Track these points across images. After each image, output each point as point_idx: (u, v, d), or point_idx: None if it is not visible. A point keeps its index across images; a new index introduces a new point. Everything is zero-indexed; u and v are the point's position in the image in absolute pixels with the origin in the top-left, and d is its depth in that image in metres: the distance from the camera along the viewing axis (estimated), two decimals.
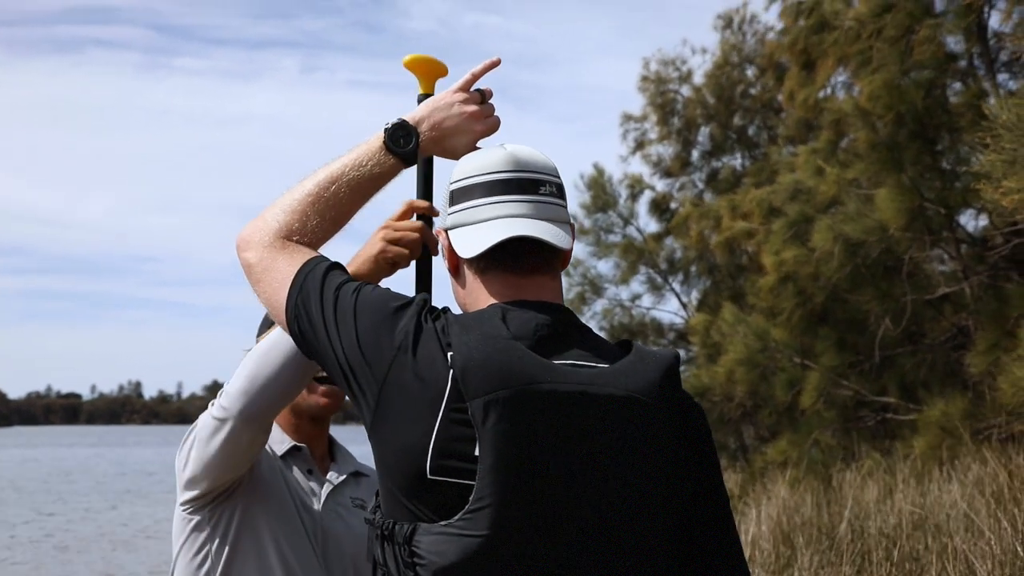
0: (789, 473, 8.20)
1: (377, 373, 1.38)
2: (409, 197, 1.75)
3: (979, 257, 8.45)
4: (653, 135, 16.73)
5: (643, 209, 16.30)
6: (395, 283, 1.78)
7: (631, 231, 15.91)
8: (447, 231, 1.52)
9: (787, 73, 11.61)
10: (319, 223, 1.56)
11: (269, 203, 1.60)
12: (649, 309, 16.00)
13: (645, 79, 16.28)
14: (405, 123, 1.61)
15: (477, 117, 1.63)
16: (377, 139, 1.60)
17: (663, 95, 16.26)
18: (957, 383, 8.20)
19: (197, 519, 1.91)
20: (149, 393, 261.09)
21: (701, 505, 1.42)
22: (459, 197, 1.51)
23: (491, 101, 1.67)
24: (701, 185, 16.57)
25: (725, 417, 11.07)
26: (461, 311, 1.54)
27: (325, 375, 2.00)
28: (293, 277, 1.50)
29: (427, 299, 1.46)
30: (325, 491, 2.04)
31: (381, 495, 1.41)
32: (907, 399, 8.56)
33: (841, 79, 10.83)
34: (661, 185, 16.64)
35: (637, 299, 15.98)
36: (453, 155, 1.62)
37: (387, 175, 1.60)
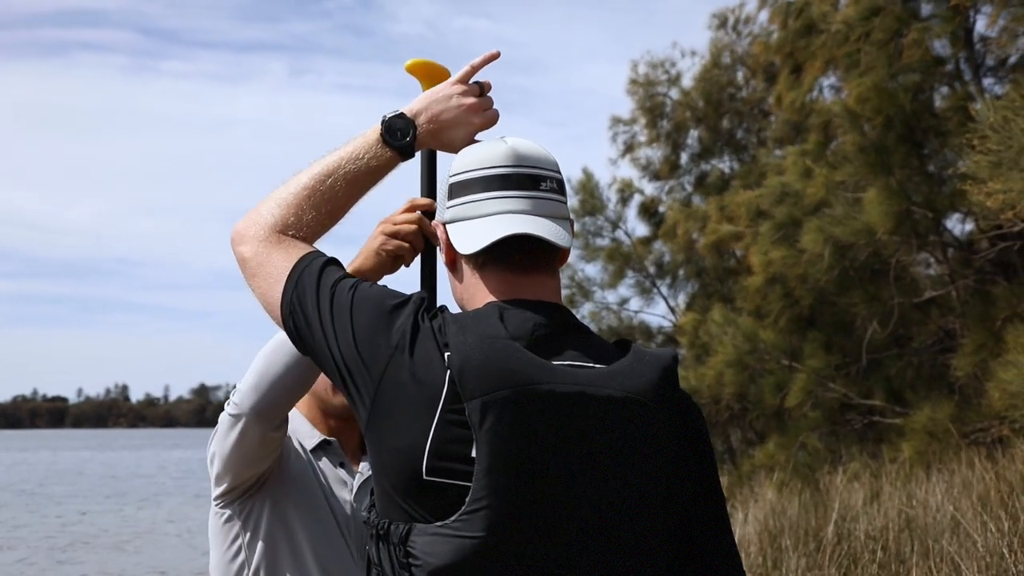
0: (776, 476, 8.20)
1: (373, 373, 1.36)
2: (411, 192, 1.73)
3: (965, 261, 8.48)
4: (642, 138, 16.75)
5: (632, 213, 16.32)
6: (401, 278, 1.76)
7: (620, 235, 15.93)
8: (445, 225, 1.50)
9: (776, 76, 11.64)
10: (315, 217, 1.53)
11: (263, 197, 1.58)
12: (637, 312, 16.02)
13: (634, 82, 16.29)
14: (402, 115, 1.58)
15: (475, 110, 1.60)
16: (374, 132, 1.57)
17: (652, 98, 16.27)
18: (943, 387, 8.22)
19: (228, 513, 1.96)
20: (136, 396, 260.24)
21: (699, 506, 1.40)
22: (458, 191, 1.48)
23: (489, 94, 1.64)
24: (690, 188, 16.59)
25: (713, 420, 11.07)
26: (458, 305, 1.53)
27: None
28: (288, 272, 1.48)
29: (424, 297, 1.43)
30: (357, 482, 2.04)
31: (376, 495, 1.40)
32: (894, 402, 8.58)
33: (829, 82, 10.87)
34: (650, 188, 16.68)
35: (625, 303, 16.01)
36: (451, 148, 1.60)
37: (384, 168, 1.57)
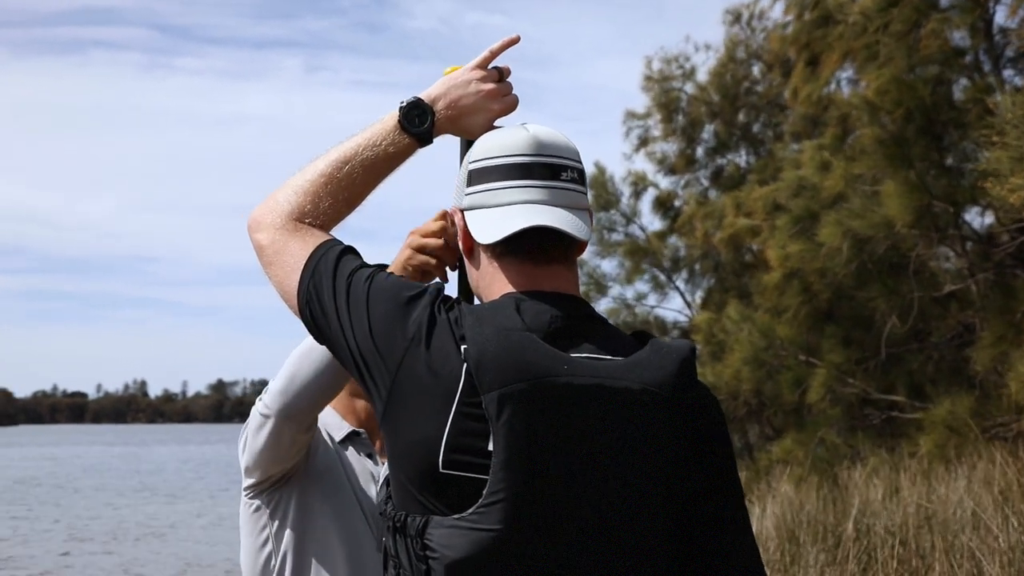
0: (794, 471, 8.16)
1: (390, 365, 1.35)
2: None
3: (985, 254, 8.41)
4: (657, 132, 16.69)
5: (646, 207, 16.28)
6: None
7: (634, 229, 15.88)
8: (463, 212, 1.48)
9: (792, 69, 11.56)
10: (332, 204, 1.52)
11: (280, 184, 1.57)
12: (653, 307, 15.98)
13: (648, 78, 16.23)
14: (420, 101, 1.55)
15: (494, 96, 1.57)
16: (392, 118, 1.55)
17: (667, 93, 16.20)
18: (964, 381, 8.15)
19: (257, 503, 1.98)
20: (154, 392, 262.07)
21: (717, 501, 1.38)
22: (477, 178, 1.46)
23: (508, 79, 1.61)
24: (706, 183, 16.52)
25: (731, 415, 11.03)
26: (474, 292, 1.52)
27: None
28: (305, 261, 1.47)
29: (441, 289, 1.42)
30: (383, 473, 2.03)
31: (393, 487, 1.40)
32: (913, 397, 8.52)
33: (846, 74, 10.79)
34: (665, 183, 16.62)
35: (642, 298, 15.97)
36: (470, 134, 1.57)
37: (402, 155, 1.55)
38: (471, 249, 1.49)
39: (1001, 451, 5.97)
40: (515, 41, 1.62)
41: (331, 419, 2.08)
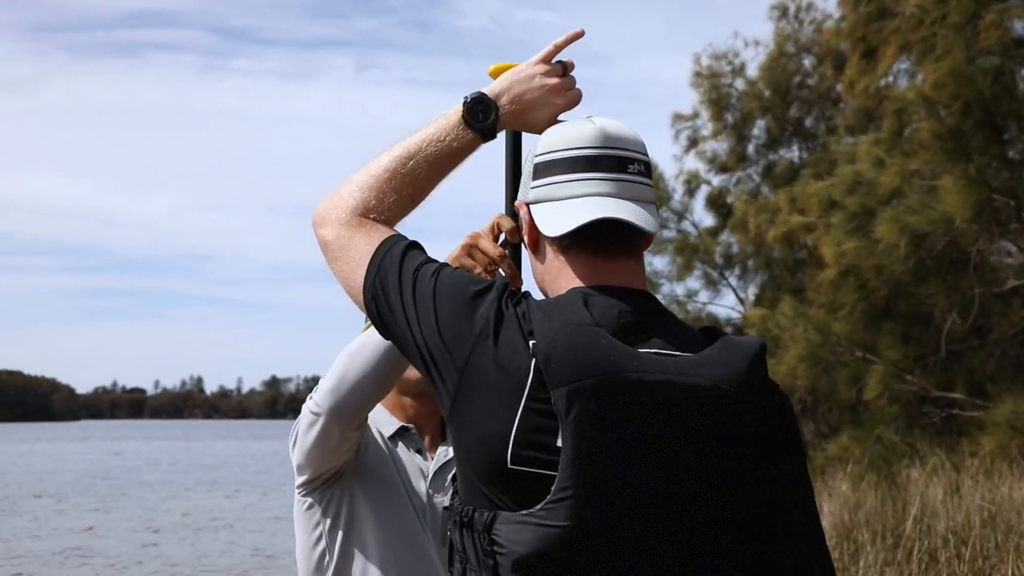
0: (851, 469, 8.06)
1: (457, 360, 1.35)
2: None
3: None
4: (706, 131, 16.56)
5: (699, 204, 16.18)
6: None
7: (686, 226, 15.79)
8: (529, 205, 1.46)
9: (847, 62, 11.39)
10: (396, 200, 1.52)
11: (345, 179, 1.56)
12: (705, 305, 15.88)
13: (697, 75, 16.11)
14: (484, 96, 1.54)
15: (558, 90, 1.55)
16: (455, 113, 1.53)
17: (716, 90, 16.07)
18: None
19: (309, 501, 1.99)
20: (210, 388, 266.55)
21: (786, 498, 1.36)
22: (543, 171, 1.45)
23: (572, 73, 1.58)
24: (758, 179, 16.36)
25: None
26: (538, 287, 1.50)
27: None
28: (371, 256, 1.46)
29: (507, 284, 1.41)
30: (432, 468, 2.06)
31: (459, 482, 1.39)
32: (974, 395, 8.35)
33: (903, 67, 10.60)
34: (717, 180, 16.49)
35: (693, 295, 15.88)
36: (533, 129, 1.56)
37: (465, 150, 1.54)
38: (536, 243, 1.48)
39: None
40: (579, 35, 1.59)
41: (380, 415, 2.08)
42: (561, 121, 1.54)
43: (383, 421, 2.08)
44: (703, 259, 15.47)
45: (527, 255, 1.54)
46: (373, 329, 1.78)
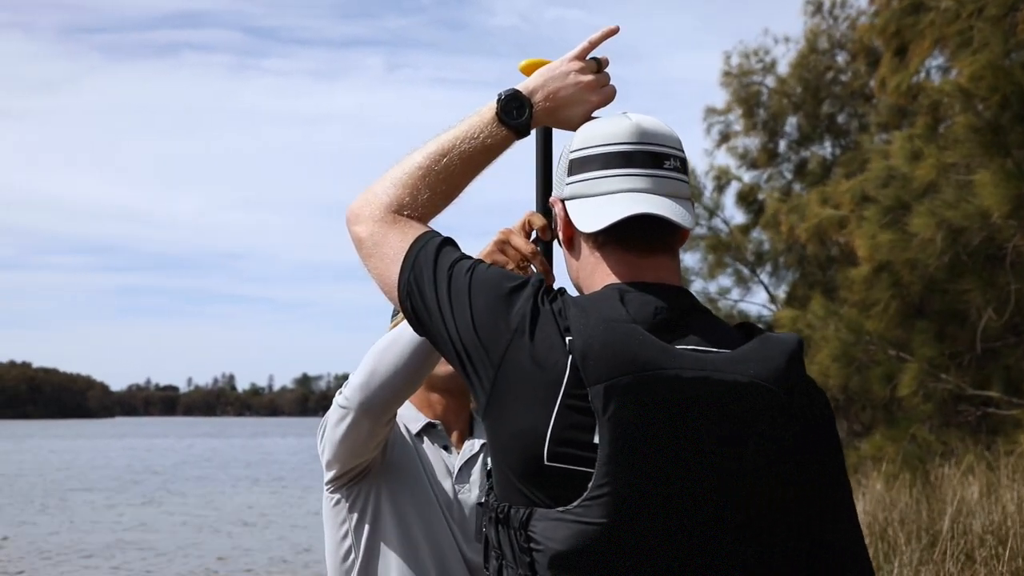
0: (885, 468, 7.97)
1: (493, 356, 1.34)
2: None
3: None
4: (738, 127, 16.46)
5: (729, 201, 16.07)
6: None
7: (717, 223, 15.70)
8: (564, 201, 1.46)
9: (880, 59, 11.26)
10: (430, 197, 1.52)
11: (378, 176, 1.56)
12: (736, 302, 15.78)
13: (727, 74, 16.00)
14: (518, 93, 1.53)
15: (592, 87, 1.54)
16: (489, 110, 1.53)
17: (747, 88, 15.96)
18: None
19: (337, 497, 2.01)
20: (242, 386, 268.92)
21: (825, 494, 1.36)
22: (579, 167, 1.44)
23: (607, 70, 1.57)
24: (789, 176, 16.24)
25: None
26: (572, 284, 1.50)
27: None
28: (405, 253, 1.46)
29: (543, 280, 1.40)
30: (458, 464, 2.07)
31: (495, 478, 1.39)
32: (1011, 393, 8.23)
33: (936, 62, 10.47)
34: (748, 176, 16.38)
35: (725, 293, 15.78)
36: (568, 126, 1.55)
37: (499, 147, 1.54)
38: (571, 239, 1.47)
39: None
40: (614, 32, 1.58)
41: (407, 411, 2.09)
42: (595, 118, 1.53)
43: (410, 417, 2.09)
44: (735, 256, 15.37)
45: (560, 251, 1.53)
46: (402, 325, 1.79)
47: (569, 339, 1.29)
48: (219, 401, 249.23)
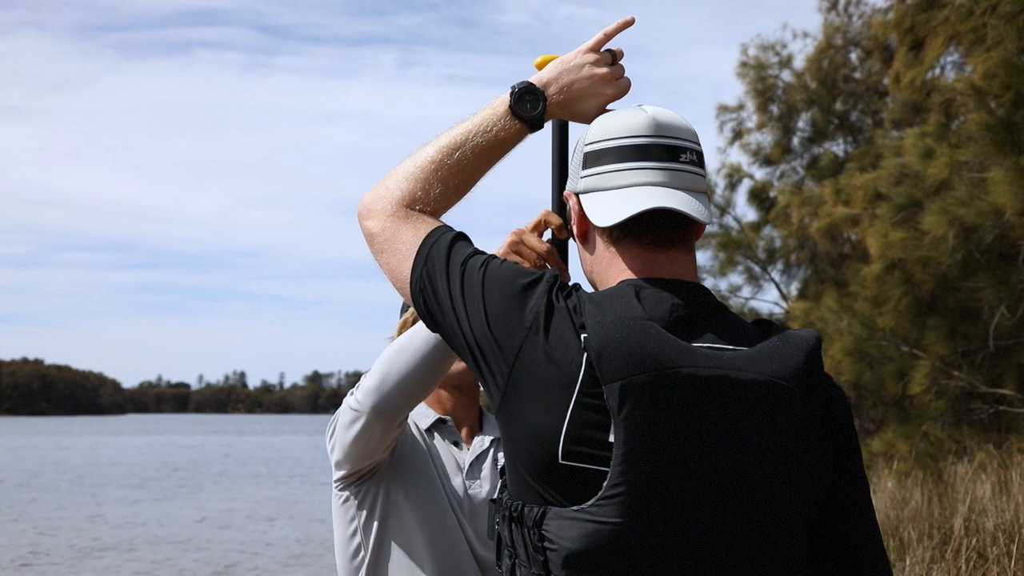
0: (897, 465, 7.96)
1: (507, 353, 1.32)
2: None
3: None
4: (751, 123, 16.41)
5: (741, 198, 16.04)
6: None
7: (728, 220, 15.66)
8: (578, 195, 1.44)
9: (894, 54, 11.23)
10: (443, 191, 1.49)
11: (390, 170, 1.55)
12: (748, 299, 15.74)
13: (744, 65, 15.94)
14: (532, 86, 1.51)
15: (607, 80, 1.52)
16: (502, 103, 1.51)
17: (763, 81, 15.90)
18: None
19: (346, 495, 2.02)
20: (253, 383, 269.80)
21: (843, 493, 1.35)
22: (594, 160, 1.42)
23: (622, 62, 1.55)
24: (802, 172, 16.18)
25: None
26: (587, 278, 1.48)
27: None
28: (418, 247, 1.44)
29: (557, 276, 1.38)
30: (469, 460, 2.07)
31: (508, 476, 1.37)
32: None
33: (951, 59, 10.43)
34: (760, 174, 16.34)
35: (736, 290, 15.75)
36: (582, 118, 1.52)
37: (512, 140, 1.51)
38: (585, 233, 1.45)
39: None
40: (629, 23, 1.55)
41: (418, 408, 2.08)
42: (610, 111, 1.51)
43: (420, 413, 2.09)
44: (746, 254, 15.34)
45: (575, 246, 1.51)
46: (416, 328, 1.79)
47: (584, 336, 1.27)
48: (230, 398, 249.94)
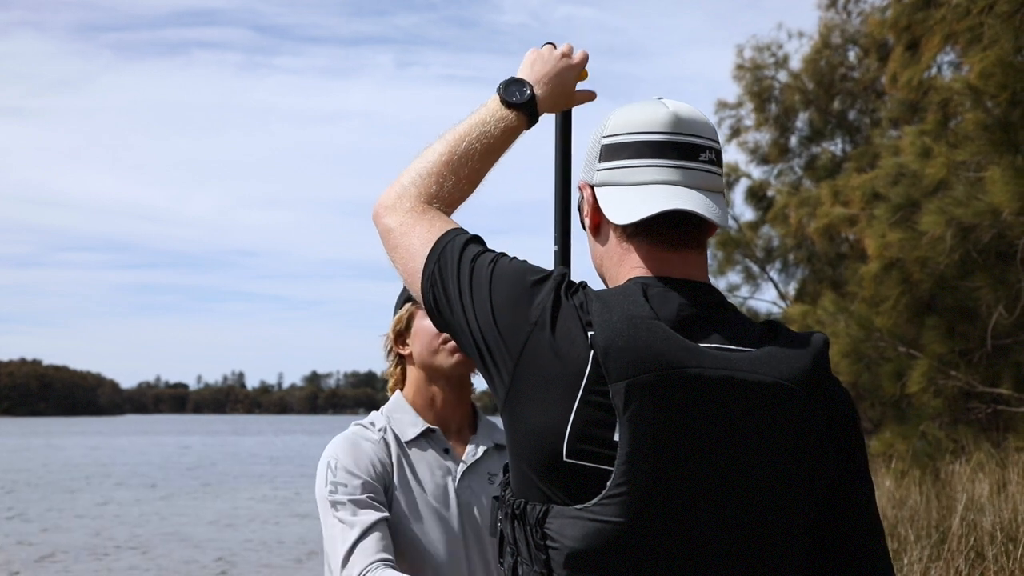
0: (895, 465, 7.97)
1: (512, 349, 1.32)
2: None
3: None
4: (749, 122, 16.44)
5: (739, 198, 16.06)
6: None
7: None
8: (594, 188, 1.43)
9: (890, 54, 11.24)
10: (455, 183, 1.54)
11: (404, 168, 1.59)
12: (746, 299, 15.76)
13: (740, 67, 15.97)
14: (515, 77, 1.63)
15: (566, 55, 1.68)
16: (494, 100, 1.60)
17: (760, 82, 15.93)
18: None
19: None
20: (251, 383, 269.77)
21: (844, 493, 1.34)
22: (612, 154, 1.41)
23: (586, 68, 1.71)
24: (799, 171, 16.21)
25: None
26: (596, 270, 1.48)
27: None
28: (432, 245, 1.46)
29: (565, 273, 1.38)
30: (460, 469, 2.05)
31: (512, 473, 1.36)
32: (1021, 390, 8.22)
33: (948, 58, 10.45)
34: (758, 173, 16.37)
35: (734, 289, 15.77)
36: (569, 97, 1.68)
37: (512, 131, 1.59)
38: (598, 225, 1.45)
39: None
40: (591, 98, 1.75)
41: (405, 416, 2.06)
42: (591, 92, 1.64)
43: (407, 422, 2.06)
44: (744, 253, 15.36)
45: (586, 236, 1.51)
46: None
47: (591, 334, 1.27)
48: (228, 399, 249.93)
